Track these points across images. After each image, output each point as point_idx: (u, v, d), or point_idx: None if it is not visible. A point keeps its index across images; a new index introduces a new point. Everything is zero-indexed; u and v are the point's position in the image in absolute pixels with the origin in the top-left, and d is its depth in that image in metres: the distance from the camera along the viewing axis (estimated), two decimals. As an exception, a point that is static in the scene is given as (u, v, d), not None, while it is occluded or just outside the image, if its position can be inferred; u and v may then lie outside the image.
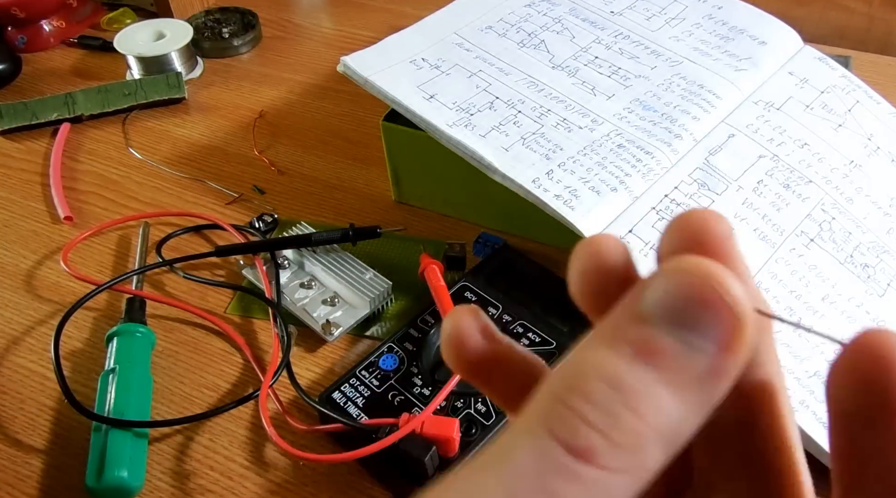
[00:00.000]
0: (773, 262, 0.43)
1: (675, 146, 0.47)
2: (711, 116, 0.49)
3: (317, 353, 0.46)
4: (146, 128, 0.65)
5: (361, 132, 0.64)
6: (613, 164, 0.45)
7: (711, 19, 0.57)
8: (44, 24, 0.75)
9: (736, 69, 0.52)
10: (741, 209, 0.45)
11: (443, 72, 0.52)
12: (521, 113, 0.49)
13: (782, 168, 0.47)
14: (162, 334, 0.47)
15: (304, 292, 0.48)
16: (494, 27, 0.56)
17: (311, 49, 0.74)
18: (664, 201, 0.44)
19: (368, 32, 0.75)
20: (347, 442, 0.39)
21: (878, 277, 0.44)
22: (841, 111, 0.52)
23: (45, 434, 0.42)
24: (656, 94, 0.51)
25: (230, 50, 0.74)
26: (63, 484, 0.40)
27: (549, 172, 0.45)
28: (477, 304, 0.44)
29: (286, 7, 0.81)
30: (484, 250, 0.50)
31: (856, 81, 0.54)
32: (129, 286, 0.49)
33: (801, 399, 0.39)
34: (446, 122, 0.47)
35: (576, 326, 0.43)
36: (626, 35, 0.56)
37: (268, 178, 0.59)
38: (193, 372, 0.45)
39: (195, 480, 0.40)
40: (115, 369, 0.42)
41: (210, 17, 0.77)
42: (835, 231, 0.45)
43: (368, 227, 0.50)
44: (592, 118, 0.49)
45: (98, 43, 0.75)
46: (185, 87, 0.67)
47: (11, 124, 0.65)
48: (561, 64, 0.53)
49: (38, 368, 0.46)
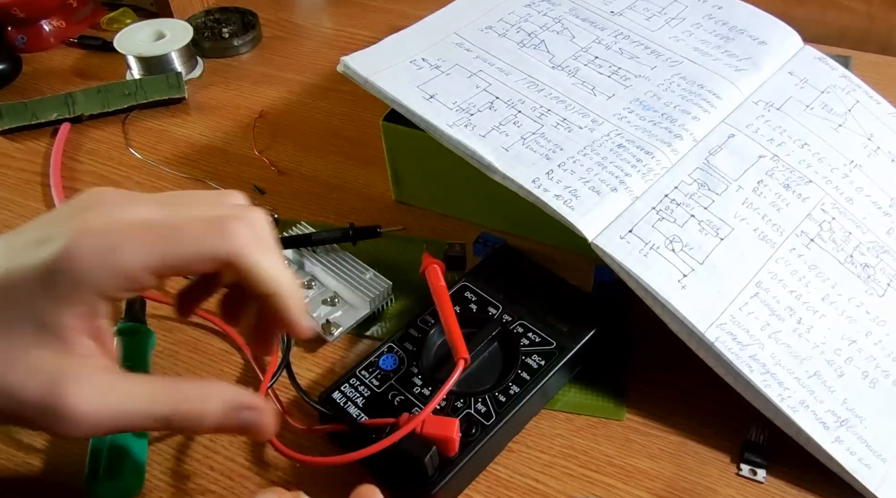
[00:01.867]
0: (773, 262, 0.43)
1: (675, 146, 0.47)
2: (711, 116, 0.49)
3: (317, 353, 0.46)
4: (146, 128, 0.65)
5: (361, 132, 0.64)
6: (613, 165, 0.45)
7: (711, 19, 0.57)
8: (44, 24, 0.75)
9: (736, 69, 0.52)
10: (741, 209, 0.45)
11: (443, 72, 0.52)
12: (521, 113, 0.49)
13: (782, 168, 0.47)
14: (162, 334, 0.47)
15: (304, 292, 0.48)
16: (494, 27, 0.56)
17: (311, 49, 0.74)
18: (664, 201, 0.44)
19: (368, 32, 0.75)
20: (347, 442, 0.39)
21: (878, 277, 0.44)
22: (841, 111, 0.52)
23: (45, 434, 0.42)
24: (656, 94, 0.51)
25: (230, 50, 0.74)
26: (63, 484, 0.40)
27: (549, 172, 0.45)
28: (477, 303, 0.44)
29: (286, 7, 0.81)
30: (484, 250, 0.50)
31: (856, 81, 0.54)
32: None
33: (801, 399, 0.39)
34: (446, 122, 0.47)
35: (576, 326, 0.43)
36: (626, 35, 0.56)
37: (268, 178, 0.59)
38: (193, 372, 0.45)
39: (195, 480, 0.40)
40: (115, 369, 0.42)
41: (210, 17, 0.77)
42: (835, 231, 0.45)
43: (368, 227, 0.50)
44: (592, 118, 0.49)
45: (98, 43, 0.75)
46: (185, 87, 0.67)
47: (11, 124, 0.65)
48: (561, 64, 0.53)
49: (38, 367, 0.46)
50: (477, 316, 0.43)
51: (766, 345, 0.40)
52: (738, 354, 0.40)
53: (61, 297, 0.27)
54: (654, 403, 0.43)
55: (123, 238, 0.27)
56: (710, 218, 0.44)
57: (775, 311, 0.41)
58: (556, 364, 0.41)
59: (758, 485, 0.39)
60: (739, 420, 0.41)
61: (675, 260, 0.42)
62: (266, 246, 0.29)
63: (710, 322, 0.40)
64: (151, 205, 0.29)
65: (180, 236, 0.28)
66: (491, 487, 0.40)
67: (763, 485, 0.39)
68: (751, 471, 0.40)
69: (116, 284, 0.27)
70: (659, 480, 0.40)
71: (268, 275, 0.29)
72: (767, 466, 0.40)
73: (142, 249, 0.27)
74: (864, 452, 0.38)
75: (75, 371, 0.27)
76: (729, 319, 0.41)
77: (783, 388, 0.39)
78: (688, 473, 0.40)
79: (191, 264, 0.28)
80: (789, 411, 0.39)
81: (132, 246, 0.27)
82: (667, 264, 0.42)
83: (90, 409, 0.27)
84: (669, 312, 0.40)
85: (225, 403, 0.30)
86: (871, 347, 0.42)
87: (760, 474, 0.39)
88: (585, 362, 0.43)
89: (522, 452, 0.41)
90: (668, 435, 0.42)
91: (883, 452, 0.39)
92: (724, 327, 0.40)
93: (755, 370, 0.39)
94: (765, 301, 0.42)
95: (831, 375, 0.40)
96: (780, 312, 0.41)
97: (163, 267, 0.27)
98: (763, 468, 0.40)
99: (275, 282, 0.29)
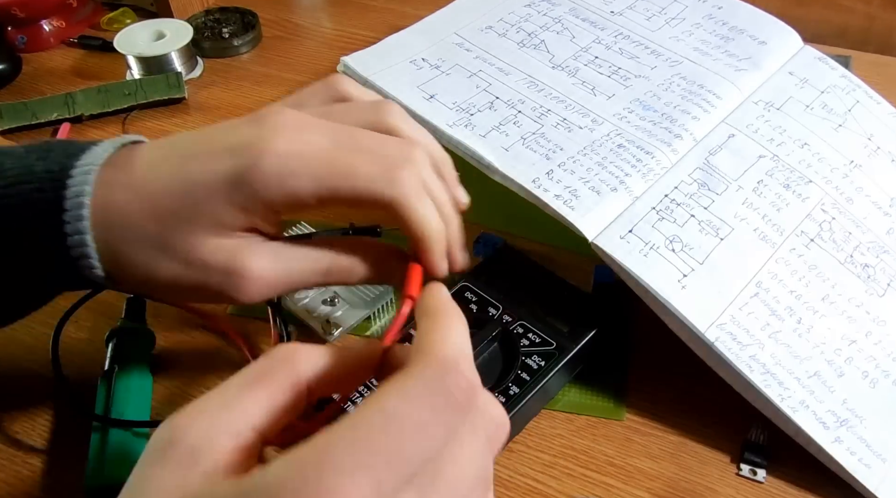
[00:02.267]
0: (773, 262, 0.43)
1: (675, 146, 0.47)
2: (711, 116, 0.49)
3: (317, 353, 0.46)
4: (146, 128, 0.65)
5: (361, 132, 0.63)
6: (613, 165, 0.45)
7: (711, 19, 0.57)
8: (44, 24, 0.75)
9: (736, 69, 0.52)
10: (741, 209, 0.45)
11: (443, 72, 0.52)
12: (521, 113, 0.49)
13: (782, 168, 0.47)
14: (162, 334, 0.47)
15: (304, 292, 0.48)
16: (494, 27, 0.56)
17: (311, 49, 0.74)
18: (664, 201, 0.44)
19: (368, 32, 0.75)
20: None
21: (878, 277, 0.44)
22: (841, 111, 0.52)
23: (45, 434, 0.42)
24: (656, 94, 0.51)
25: (230, 50, 0.74)
26: (63, 484, 0.40)
27: (549, 172, 0.45)
28: (477, 304, 0.44)
29: (286, 7, 0.81)
30: (484, 250, 0.50)
31: (856, 81, 0.54)
32: (129, 286, 0.49)
33: (801, 399, 0.39)
34: (446, 122, 0.47)
35: (576, 327, 0.43)
36: (627, 35, 0.56)
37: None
38: (194, 372, 0.45)
39: (195, 480, 0.40)
40: (115, 369, 0.42)
41: (210, 17, 0.77)
42: (835, 231, 0.45)
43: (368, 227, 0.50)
44: (592, 118, 0.49)
45: (98, 43, 0.75)
46: (185, 87, 0.67)
47: (11, 124, 0.65)
48: (561, 64, 0.53)
49: (38, 368, 0.46)
50: (477, 316, 0.43)
51: (766, 345, 0.40)
52: (738, 354, 0.40)
53: (239, 205, 0.31)
54: (654, 403, 0.43)
55: (303, 165, 0.30)
56: (710, 218, 0.44)
57: (775, 311, 0.41)
58: (557, 364, 0.41)
59: (758, 485, 0.39)
60: (739, 420, 0.41)
61: (675, 260, 0.42)
62: (426, 192, 0.33)
63: (710, 322, 0.40)
64: (327, 132, 0.32)
65: (354, 174, 0.31)
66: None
67: (763, 485, 0.39)
68: (751, 471, 0.40)
69: (287, 203, 0.31)
70: (659, 480, 0.40)
71: (417, 222, 0.32)
72: (767, 466, 0.40)
73: (317, 179, 0.30)
74: (864, 452, 0.38)
75: (250, 246, 0.32)
76: (729, 319, 0.41)
77: (783, 388, 0.39)
78: (688, 473, 0.40)
79: (356, 201, 0.31)
80: (789, 411, 0.39)
81: (309, 175, 0.30)
82: (667, 264, 0.42)
83: (266, 268, 0.32)
84: (669, 312, 0.40)
85: (371, 255, 0.35)
86: (871, 347, 0.42)
87: (760, 474, 0.39)
88: (585, 363, 0.43)
89: (522, 452, 0.41)
90: (668, 435, 0.42)
91: (883, 452, 0.39)
92: (724, 327, 0.40)
93: (755, 370, 0.39)
94: (765, 301, 0.42)
95: (831, 375, 0.40)
96: (780, 311, 0.42)
97: (330, 198, 0.31)
98: (763, 468, 0.40)
99: (422, 228, 0.33)
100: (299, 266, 0.33)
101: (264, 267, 0.32)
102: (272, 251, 0.33)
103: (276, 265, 0.33)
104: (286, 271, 0.33)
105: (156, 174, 0.32)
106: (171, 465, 0.22)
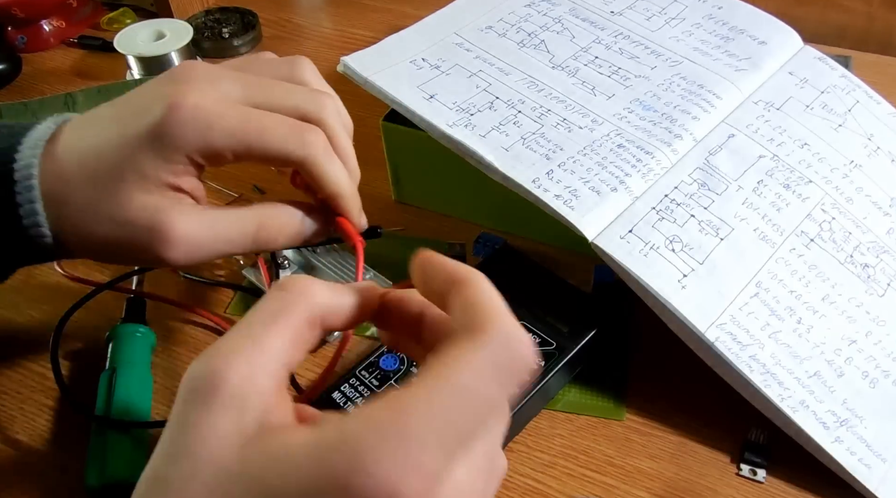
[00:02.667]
0: (773, 262, 0.43)
1: (675, 146, 0.47)
2: (711, 116, 0.49)
3: (316, 353, 0.46)
4: (146, 128, 0.65)
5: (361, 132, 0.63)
6: (613, 165, 0.45)
7: (711, 19, 0.57)
8: (44, 24, 0.75)
9: (736, 69, 0.53)
10: (741, 209, 0.45)
11: (443, 72, 0.52)
12: (521, 113, 0.49)
13: (782, 168, 0.47)
14: (162, 334, 0.47)
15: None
16: (494, 27, 0.56)
17: (311, 49, 0.74)
18: (664, 201, 0.44)
19: (368, 32, 0.75)
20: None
21: (878, 277, 0.44)
22: (841, 111, 0.52)
23: (45, 434, 0.42)
24: (656, 94, 0.51)
25: (230, 50, 0.74)
26: (63, 484, 0.40)
27: (549, 172, 0.45)
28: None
29: (286, 7, 0.81)
30: (484, 250, 0.50)
31: (856, 81, 0.54)
32: (129, 286, 0.49)
33: (801, 399, 0.39)
34: (446, 122, 0.47)
35: (576, 327, 0.43)
36: (626, 35, 0.56)
37: (268, 178, 0.59)
38: (193, 372, 0.45)
39: (195, 480, 0.40)
40: (115, 369, 0.42)
41: (210, 17, 0.77)
42: (835, 231, 0.45)
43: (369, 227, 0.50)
44: (592, 118, 0.49)
45: (98, 43, 0.75)
46: (185, 87, 0.67)
47: (11, 124, 0.65)
48: (561, 64, 0.53)
49: (37, 367, 0.46)
50: (477, 316, 0.43)
51: (766, 345, 0.40)
52: (738, 354, 0.40)
53: (160, 156, 0.32)
54: (654, 403, 0.43)
55: (216, 118, 0.32)
56: (710, 218, 0.44)
57: (775, 311, 0.41)
58: (557, 364, 0.41)
59: (758, 485, 0.39)
60: (739, 420, 0.41)
61: (675, 260, 0.42)
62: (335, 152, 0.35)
63: (710, 322, 0.40)
64: (239, 83, 0.33)
65: (267, 134, 0.33)
66: (491, 487, 0.40)
67: (763, 485, 0.39)
68: (751, 471, 0.40)
69: (205, 154, 0.33)
70: (659, 480, 0.40)
71: (331, 180, 0.35)
72: (767, 466, 0.40)
73: (231, 135, 0.32)
74: (864, 452, 0.38)
75: (176, 206, 0.33)
76: (729, 319, 0.41)
77: (783, 388, 0.39)
78: (688, 473, 0.40)
79: (268, 158, 0.34)
80: (789, 411, 0.39)
81: (223, 129, 0.32)
82: (667, 264, 0.42)
83: (191, 231, 0.33)
84: (669, 311, 0.40)
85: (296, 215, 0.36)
86: (871, 347, 0.42)
87: (760, 474, 0.40)
88: (585, 363, 0.43)
89: (522, 452, 0.41)
90: (668, 435, 0.42)
91: (883, 452, 0.39)
92: (723, 327, 0.40)
93: (755, 370, 0.39)
94: (765, 301, 0.42)
95: (831, 375, 0.40)
96: (780, 312, 0.42)
97: (244, 154, 0.33)
98: (763, 468, 0.40)
99: (336, 186, 0.35)
100: (226, 228, 0.35)
101: (190, 226, 0.33)
102: (198, 212, 0.34)
103: (201, 225, 0.34)
104: (212, 231, 0.34)
105: (87, 142, 0.34)
106: (219, 409, 0.22)
